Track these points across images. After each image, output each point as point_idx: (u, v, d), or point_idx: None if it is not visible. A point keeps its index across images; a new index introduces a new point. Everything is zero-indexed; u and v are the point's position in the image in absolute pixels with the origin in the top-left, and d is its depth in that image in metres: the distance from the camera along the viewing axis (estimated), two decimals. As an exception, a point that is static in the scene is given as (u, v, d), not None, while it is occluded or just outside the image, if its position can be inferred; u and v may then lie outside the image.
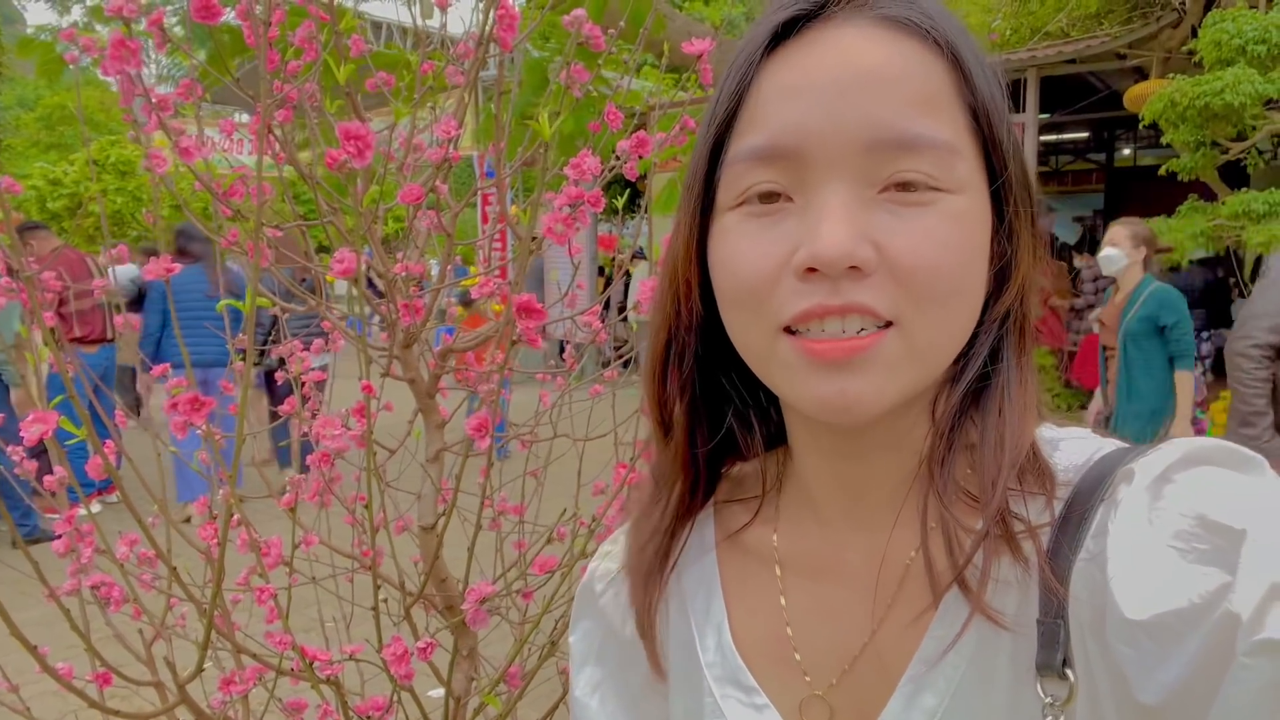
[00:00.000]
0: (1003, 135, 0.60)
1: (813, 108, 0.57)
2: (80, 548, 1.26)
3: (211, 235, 1.44)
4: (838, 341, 0.56)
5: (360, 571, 1.67)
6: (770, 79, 0.60)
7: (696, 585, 0.75)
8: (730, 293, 0.62)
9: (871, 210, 0.56)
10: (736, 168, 0.60)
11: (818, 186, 0.57)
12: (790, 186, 0.58)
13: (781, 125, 0.58)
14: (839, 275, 0.55)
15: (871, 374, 0.56)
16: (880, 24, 0.58)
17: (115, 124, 17.28)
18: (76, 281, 5.97)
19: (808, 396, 0.58)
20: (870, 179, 0.56)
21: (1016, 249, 0.62)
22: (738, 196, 0.61)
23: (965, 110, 0.59)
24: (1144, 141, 13.73)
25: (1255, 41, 5.88)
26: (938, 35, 0.58)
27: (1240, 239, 6.23)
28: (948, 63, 0.59)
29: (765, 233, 0.59)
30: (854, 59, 0.57)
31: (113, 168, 15.26)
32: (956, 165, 0.57)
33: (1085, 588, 0.54)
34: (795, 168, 0.58)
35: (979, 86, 0.59)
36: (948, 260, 0.56)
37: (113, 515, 1.44)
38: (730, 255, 0.61)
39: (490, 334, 1.42)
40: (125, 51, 1.00)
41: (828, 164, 0.57)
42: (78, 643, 1.36)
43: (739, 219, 0.61)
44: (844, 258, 0.54)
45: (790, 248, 0.57)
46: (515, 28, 1.13)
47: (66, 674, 1.31)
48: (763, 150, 0.59)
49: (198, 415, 0.96)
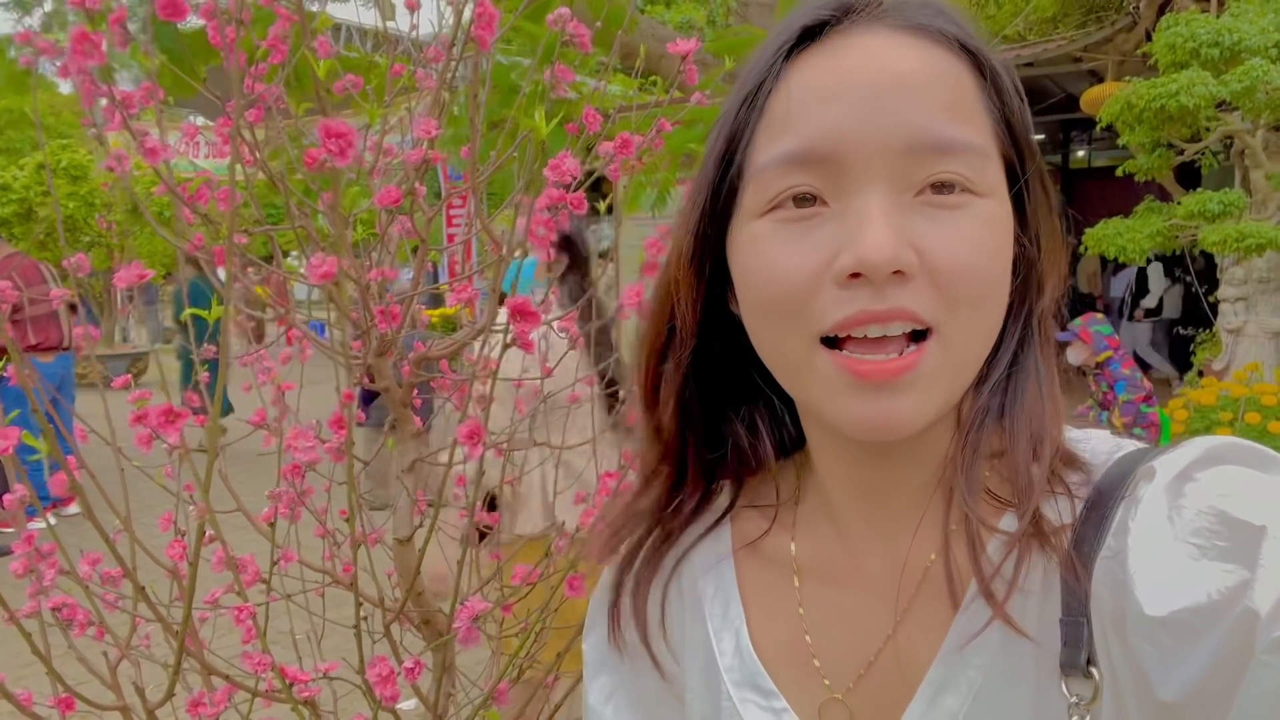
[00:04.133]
0: (1026, 139, 0.61)
1: (849, 112, 0.56)
2: (41, 568, 1.20)
3: (173, 240, 1.40)
4: (883, 364, 0.55)
5: (332, 586, 1.63)
6: (800, 82, 0.59)
7: (713, 591, 0.74)
8: (764, 302, 0.60)
9: (908, 214, 0.56)
10: (769, 173, 0.59)
11: (856, 191, 0.56)
12: (826, 191, 0.57)
13: (818, 129, 0.57)
14: (883, 280, 0.54)
15: (914, 393, 0.56)
16: (905, 30, 0.59)
17: (65, 128, 16.92)
18: (31, 288, 5.85)
19: (849, 417, 0.57)
20: (907, 183, 0.56)
21: (1039, 250, 0.62)
22: (769, 202, 0.59)
23: (990, 115, 0.59)
24: (1099, 143, 13.96)
25: (1209, 45, 5.99)
26: (964, 42, 0.59)
27: (1196, 238, 6.35)
28: (973, 69, 0.59)
29: (801, 239, 0.58)
30: (887, 65, 0.57)
31: (64, 172, 14.94)
32: (987, 169, 0.58)
33: (1107, 585, 0.54)
34: (832, 172, 0.57)
35: (1004, 91, 0.60)
36: (982, 263, 0.56)
37: (68, 529, 1.40)
38: (764, 263, 0.59)
39: (466, 341, 1.39)
40: (88, 46, 0.95)
41: (865, 168, 0.56)
42: (34, 663, 1.31)
43: (771, 225, 0.59)
44: (890, 261, 0.54)
45: (829, 254, 0.56)
46: (494, 27, 1.11)
47: (26, 700, 1.26)
48: (798, 155, 0.57)
49: (171, 428, 0.92)
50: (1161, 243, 6.60)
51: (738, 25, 5.63)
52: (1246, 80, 5.69)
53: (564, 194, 1.14)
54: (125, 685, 1.40)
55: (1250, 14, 6.26)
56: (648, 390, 0.72)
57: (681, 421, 0.71)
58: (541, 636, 1.48)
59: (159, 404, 1.02)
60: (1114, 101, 6.45)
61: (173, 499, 1.52)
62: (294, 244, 1.60)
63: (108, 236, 12.88)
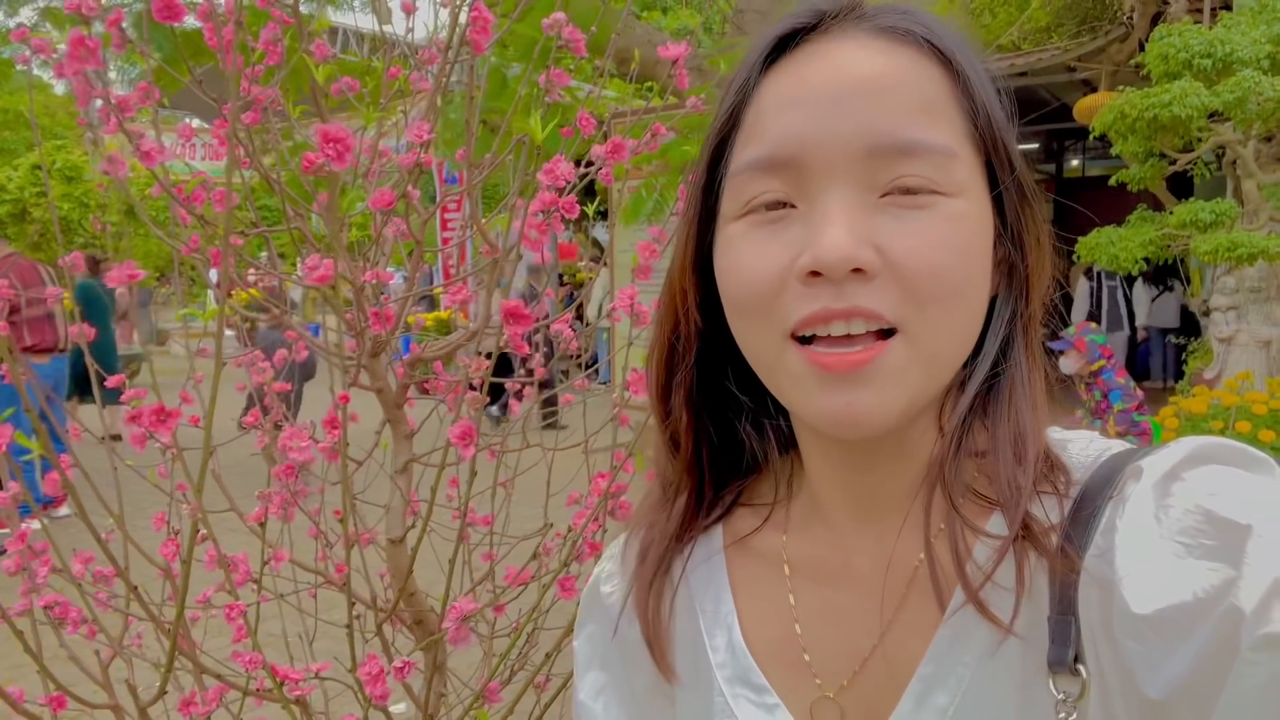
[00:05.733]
0: (1002, 139, 0.61)
1: (811, 117, 0.58)
2: (34, 566, 1.20)
3: (169, 241, 1.40)
4: (844, 355, 0.56)
5: (323, 586, 1.63)
6: (769, 91, 0.61)
7: (705, 587, 0.75)
8: (737, 300, 0.62)
9: (873, 214, 0.57)
10: (740, 179, 0.61)
11: (819, 193, 0.58)
12: (794, 195, 0.59)
13: (781, 135, 0.59)
14: (842, 279, 0.56)
15: (878, 385, 0.57)
16: (877, 34, 0.60)
17: (60, 129, 16.86)
18: (28, 289, 5.81)
19: (815, 410, 0.58)
20: (871, 184, 0.57)
21: (1022, 250, 0.63)
22: (743, 206, 0.61)
23: (964, 116, 0.60)
24: (1092, 153, 14.02)
25: (1201, 55, 6.01)
26: (935, 43, 0.60)
27: (1188, 247, 6.37)
28: (945, 70, 0.60)
29: (770, 240, 0.59)
30: (851, 69, 0.58)
31: (58, 173, 14.89)
32: (955, 169, 0.58)
33: (1094, 584, 0.55)
34: (797, 176, 0.58)
35: (976, 92, 0.61)
36: (948, 261, 0.57)
37: (61, 528, 1.39)
38: (736, 263, 0.61)
39: (460, 342, 1.40)
40: (85, 50, 0.96)
41: (828, 171, 0.57)
42: (25, 661, 1.31)
43: (744, 228, 0.61)
44: (846, 260, 0.55)
45: (794, 253, 0.58)
46: (490, 30, 1.11)
47: (18, 697, 1.26)
48: (764, 161, 0.59)
49: (163, 428, 0.93)
50: (1154, 252, 6.62)
51: (733, 34, 5.65)
52: (1238, 91, 5.71)
53: (558, 198, 1.14)
54: (117, 684, 1.40)
55: (1242, 26, 6.29)
56: (660, 401, 0.73)
57: (697, 429, 0.72)
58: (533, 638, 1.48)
59: (152, 404, 1.03)
60: (1107, 111, 6.47)
61: (164, 499, 1.52)
62: (290, 246, 1.60)
63: (102, 238, 12.85)
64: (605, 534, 1.39)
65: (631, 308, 1.20)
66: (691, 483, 0.74)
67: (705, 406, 0.72)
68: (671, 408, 0.72)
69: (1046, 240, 0.65)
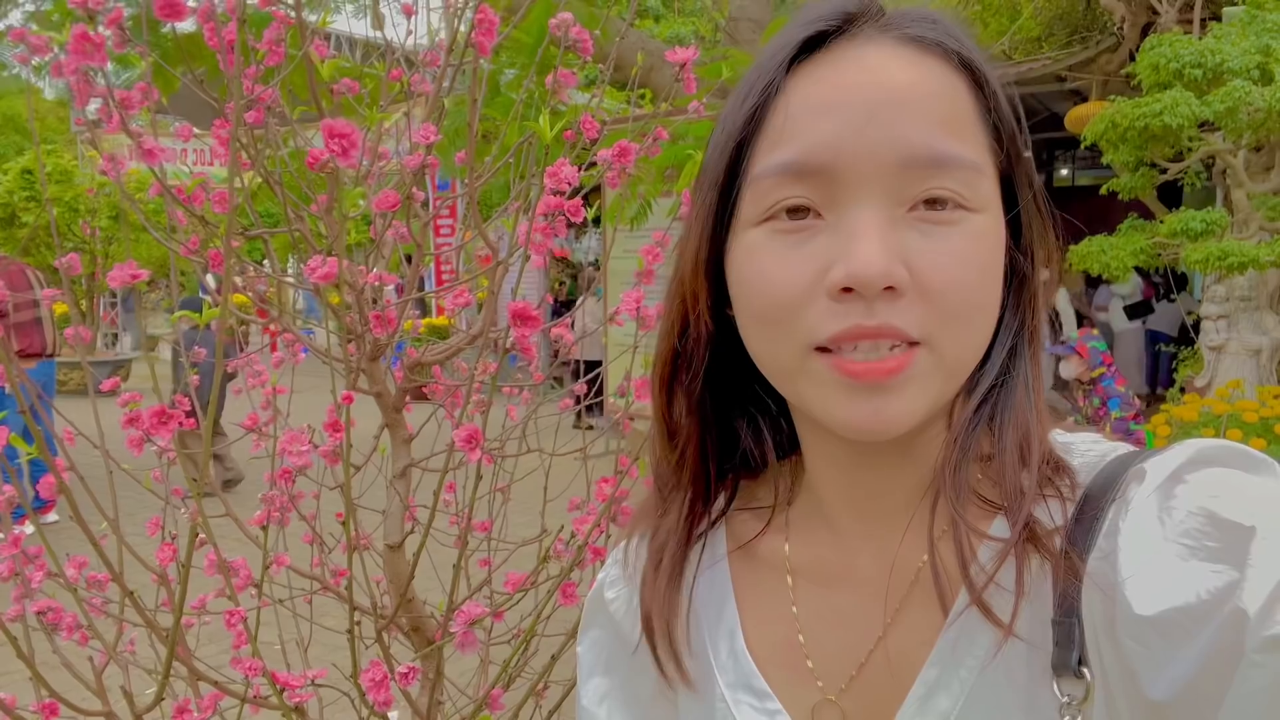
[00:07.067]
0: (1022, 155, 0.62)
1: (845, 125, 0.57)
2: (28, 571, 1.19)
3: (166, 242, 1.39)
4: (876, 364, 0.56)
5: (320, 592, 1.61)
6: (799, 94, 0.59)
7: (708, 593, 0.74)
8: (759, 310, 0.61)
9: (901, 230, 0.57)
10: (765, 183, 0.59)
11: (849, 204, 0.57)
12: (820, 203, 0.58)
13: (814, 141, 0.57)
14: (874, 295, 0.55)
15: (906, 393, 0.57)
16: (907, 43, 0.59)
17: (50, 133, 16.79)
18: (16, 294, 5.78)
19: (842, 417, 0.58)
20: (900, 198, 0.57)
21: (1032, 263, 0.63)
22: (765, 211, 0.60)
23: (987, 130, 0.60)
24: (1082, 162, 14.09)
25: (1192, 66, 6.05)
26: (963, 56, 0.59)
27: (1178, 256, 6.40)
28: (971, 84, 0.60)
29: (795, 250, 0.58)
30: (885, 78, 0.57)
31: (47, 177, 14.81)
32: (980, 184, 0.58)
33: (1098, 586, 0.54)
34: (826, 184, 0.57)
35: (1001, 107, 0.60)
36: (972, 279, 0.57)
37: (54, 533, 1.38)
38: (758, 273, 0.60)
39: (461, 346, 1.39)
40: (88, 46, 0.94)
41: (860, 182, 0.56)
42: (18, 667, 1.29)
43: (765, 235, 0.60)
44: (881, 278, 0.54)
45: (821, 266, 0.57)
46: (494, 33, 1.11)
47: (10, 704, 1.25)
48: (794, 165, 0.58)
49: (163, 430, 0.91)
50: (1145, 260, 6.65)
51: (727, 43, 5.66)
52: (1229, 101, 5.74)
53: (561, 201, 1.14)
54: (110, 691, 1.38)
55: (1233, 36, 6.33)
56: (663, 404, 0.72)
57: (702, 433, 0.72)
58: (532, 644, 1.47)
59: (150, 407, 1.01)
60: (1098, 120, 6.50)
61: (158, 504, 1.50)
62: (289, 248, 1.59)
63: (91, 243, 12.78)
64: (608, 539, 1.39)
65: (638, 311, 1.19)
66: (695, 486, 0.73)
67: (710, 410, 0.72)
68: (675, 410, 0.72)
69: (1056, 255, 0.65)
